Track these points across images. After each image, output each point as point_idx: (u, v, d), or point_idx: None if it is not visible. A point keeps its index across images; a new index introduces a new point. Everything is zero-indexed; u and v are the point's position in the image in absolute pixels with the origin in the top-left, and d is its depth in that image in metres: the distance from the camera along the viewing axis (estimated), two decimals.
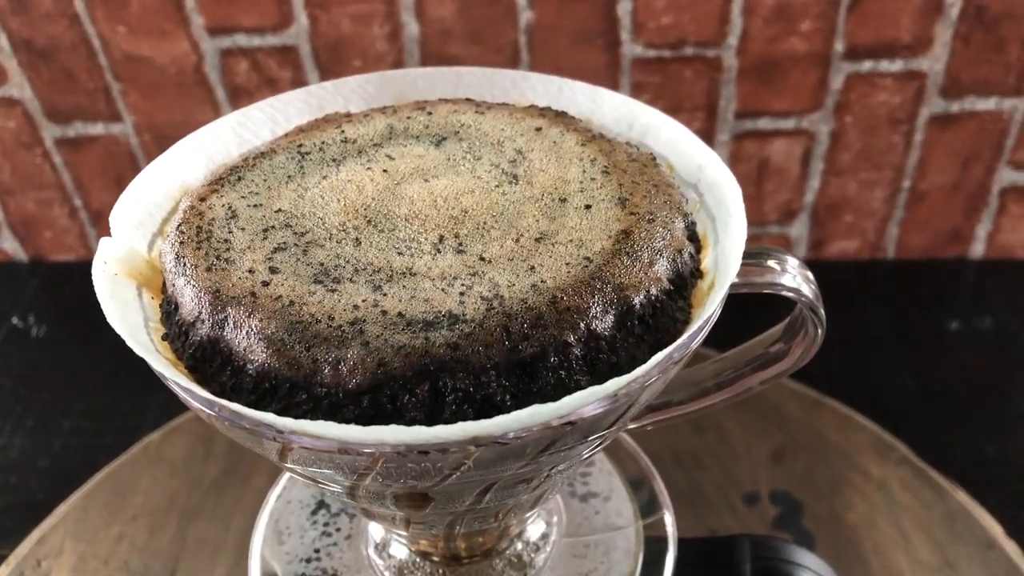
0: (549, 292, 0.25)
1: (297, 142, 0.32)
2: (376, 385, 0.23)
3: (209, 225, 0.28)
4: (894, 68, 0.67)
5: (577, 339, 0.24)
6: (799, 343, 0.31)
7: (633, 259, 0.26)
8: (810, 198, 0.75)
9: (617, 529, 0.39)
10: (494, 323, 0.24)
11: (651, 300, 0.26)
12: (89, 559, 0.48)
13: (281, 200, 0.29)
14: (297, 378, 0.23)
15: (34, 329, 0.73)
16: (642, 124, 0.33)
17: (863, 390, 0.63)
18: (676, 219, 0.28)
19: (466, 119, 0.33)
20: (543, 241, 0.27)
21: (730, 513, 0.50)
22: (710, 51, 0.67)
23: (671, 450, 0.53)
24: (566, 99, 0.35)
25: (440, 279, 0.25)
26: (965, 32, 0.65)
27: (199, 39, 0.67)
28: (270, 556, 0.38)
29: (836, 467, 0.52)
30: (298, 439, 0.22)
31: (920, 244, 0.77)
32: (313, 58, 0.68)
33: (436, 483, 0.24)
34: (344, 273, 0.26)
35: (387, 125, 0.33)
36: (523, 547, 0.38)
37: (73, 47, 0.68)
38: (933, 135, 0.70)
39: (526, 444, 0.22)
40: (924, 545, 0.48)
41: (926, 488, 0.51)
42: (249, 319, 0.24)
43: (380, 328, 0.24)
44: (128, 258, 0.28)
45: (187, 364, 0.25)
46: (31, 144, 0.73)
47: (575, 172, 0.30)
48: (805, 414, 0.55)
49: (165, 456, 0.54)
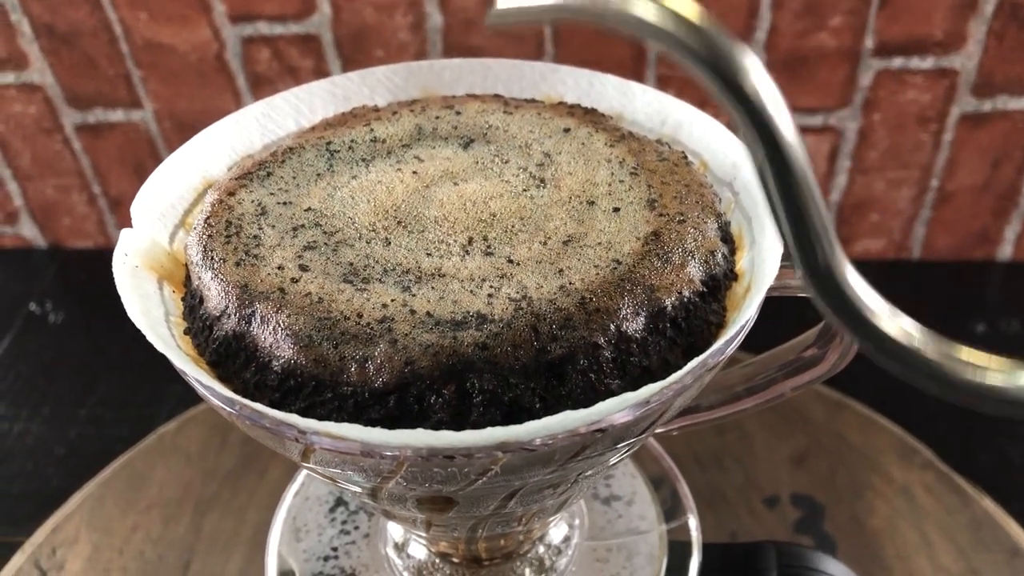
0: (578, 294, 0.24)
1: (326, 139, 0.31)
2: (403, 384, 0.23)
3: (239, 220, 0.27)
4: (925, 65, 0.66)
5: (607, 341, 0.24)
6: (834, 348, 0.30)
7: (664, 261, 0.26)
8: (836, 196, 0.74)
9: (640, 533, 0.38)
10: (523, 323, 0.23)
11: (683, 302, 0.25)
12: (104, 548, 0.48)
13: (311, 198, 0.29)
14: (323, 376, 0.23)
15: (52, 316, 0.73)
16: (675, 120, 0.32)
17: (886, 392, 0.62)
18: (708, 220, 0.28)
19: (494, 120, 0.32)
20: (571, 244, 0.26)
21: (750, 516, 0.49)
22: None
23: (692, 451, 0.53)
24: (596, 93, 0.34)
25: (469, 280, 0.25)
26: (999, 29, 0.64)
27: (221, 26, 0.66)
28: (287, 553, 0.38)
29: (858, 470, 0.52)
30: (320, 440, 0.21)
31: (947, 245, 0.76)
32: (335, 47, 0.67)
33: (461, 488, 0.23)
34: (373, 273, 0.25)
35: (416, 125, 0.32)
36: (545, 550, 0.37)
37: (94, 33, 0.67)
38: (963, 134, 0.69)
39: (554, 451, 0.22)
40: (948, 551, 0.47)
41: (950, 493, 0.50)
42: (277, 315, 0.24)
43: (408, 327, 0.23)
44: (149, 250, 0.27)
45: (209, 359, 0.25)
46: (51, 130, 0.73)
47: (603, 174, 0.29)
48: (827, 416, 0.55)
49: (181, 446, 0.54)
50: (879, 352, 0.18)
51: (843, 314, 0.18)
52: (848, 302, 0.18)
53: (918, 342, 0.18)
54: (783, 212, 0.17)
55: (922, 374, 0.18)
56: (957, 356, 0.18)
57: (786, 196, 0.17)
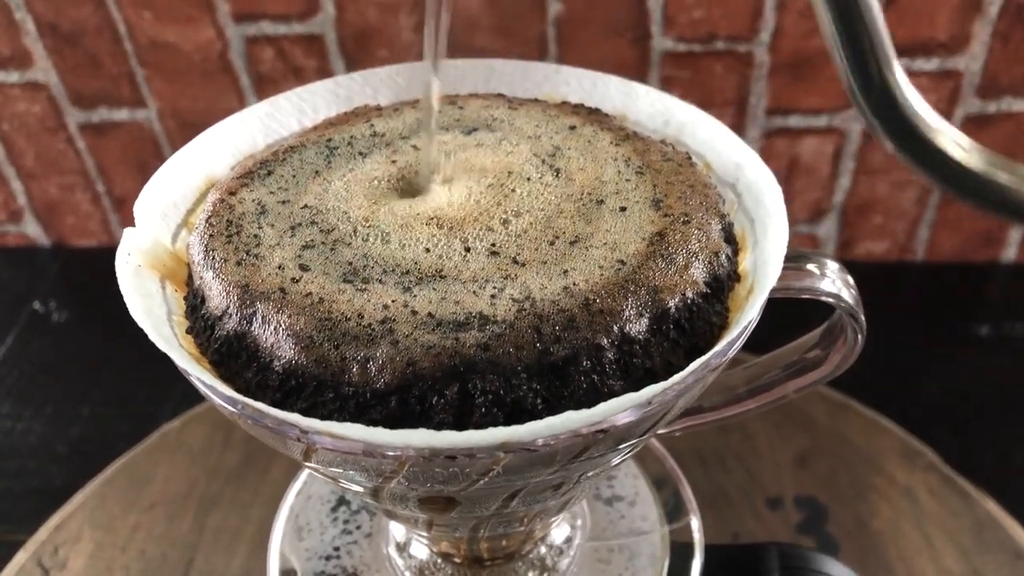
0: (582, 295, 0.24)
1: (326, 136, 0.31)
2: (405, 385, 0.23)
3: (239, 219, 0.27)
4: (929, 67, 0.66)
5: (610, 342, 0.24)
6: (838, 350, 0.30)
7: (668, 262, 0.26)
8: (840, 197, 0.73)
9: (642, 534, 0.38)
10: (525, 324, 0.23)
11: (687, 303, 0.25)
12: (106, 546, 0.48)
13: (307, 195, 0.29)
14: (324, 376, 0.23)
15: (55, 314, 0.73)
16: (678, 121, 0.32)
17: (890, 394, 0.62)
18: (712, 221, 0.28)
19: (498, 114, 0.32)
20: (578, 244, 0.26)
21: (753, 517, 0.49)
22: (742, 46, 0.65)
23: (695, 451, 0.52)
24: (600, 94, 0.34)
25: (472, 281, 0.25)
26: (1004, 31, 0.63)
27: (224, 26, 0.66)
28: (289, 552, 0.38)
29: (861, 472, 0.52)
30: (322, 440, 0.21)
31: (951, 247, 0.76)
32: (339, 47, 0.67)
33: (463, 488, 0.23)
34: (373, 273, 0.25)
35: (416, 119, 0.32)
36: (547, 551, 0.37)
37: (98, 32, 0.67)
38: (968, 135, 0.69)
39: (556, 451, 0.22)
40: (951, 553, 0.47)
41: (953, 495, 0.50)
42: (278, 315, 0.24)
43: (410, 328, 0.23)
44: (152, 250, 0.27)
45: (211, 359, 0.25)
46: (55, 129, 0.73)
47: (611, 173, 0.29)
48: (831, 417, 0.54)
49: (184, 444, 0.54)
50: (936, 174, 0.17)
51: (898, 128, 0.16)
52: (902, 114, 0.16)
53: (978, 163, 0.16)
54: (835, 20, 0.16)
55: (984, 196, 0.17)
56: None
57: (839, 3, 0.15)
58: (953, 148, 0.17)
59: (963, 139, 0.17)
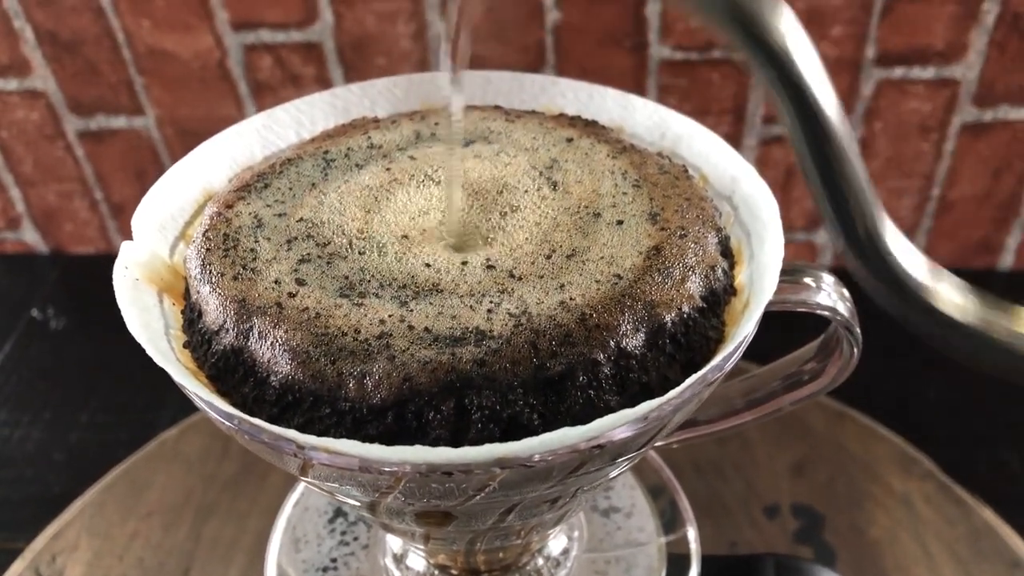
0: (578, 309, 0.24)
1: (323, 148, 0.31)
2: (401, 400, 0.23)
3: (236, 233, 0.27)
4: (926, 75, 0.66)
5: (607, 357, 0.24)
6: (834, 362, 0.30)
7: (664, 276, 0.26)
8: None
9: (639, 545, 0.38)
10: (522, 340, 0.23)
11: (683, 318, 0.25)
12: (104, 555, 0.48)
13: (303, 208, 0.28)
14: (321, 391, 0.23)
15: (53, 321, 0.73)
16: (674, 134, 0.32)
17: (887, 402, 0.62)
18: (709, 234, 0.28)
19: (495, 126, 0.32)
20: (574, 258, 0.26)
21: (750, 526, 0.49)
22: (738, 54, 0.66)
23: (691, 460, 0.52)
24: (596, 106, 0.34)
25: (468, 296, 0.25)
26: (1000, 40, 0.64)
27: (223, 34, 0.67)
28: (286, 564, 0.38)
29: (858, 480, 0.51)
30: (319, 455, 0.21)
31: (948, 254, 0.76)
32: (337, 55, 0.68)
33: (459, 503, 0.23)
34: (370, 287, 0.25)
35: (414, 131, 0.32)
36: (544, 563, 0.37)
37: (97, 40, 0.67)
38: (964, 144, 0.69)
39: (553, 467, 0.22)
40: (947, 562, 0.47)
41: (950, 504, 0.50)
42: (275, 330, 0.24)
43: (407, 343, 0.23)
44: (149, 263, 0.27)
45: (209, 373, 0.25)
46: (54, 136, 0.73)
47: (608, 185, 0.29)
48: (828, 425, 0.54)
49: (182, 453, 0.54)
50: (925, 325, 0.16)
51: (887, 284, 0.16)
52: (891, 271, 0.16)
53: (973, 317, 0.16)
54: (816, 176, 0.15)
55: (979, 351, 0.16)
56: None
57: (819, 157, 0.15)
58: (946, 305, 0.16)
59: (958, 295, 0.16)
